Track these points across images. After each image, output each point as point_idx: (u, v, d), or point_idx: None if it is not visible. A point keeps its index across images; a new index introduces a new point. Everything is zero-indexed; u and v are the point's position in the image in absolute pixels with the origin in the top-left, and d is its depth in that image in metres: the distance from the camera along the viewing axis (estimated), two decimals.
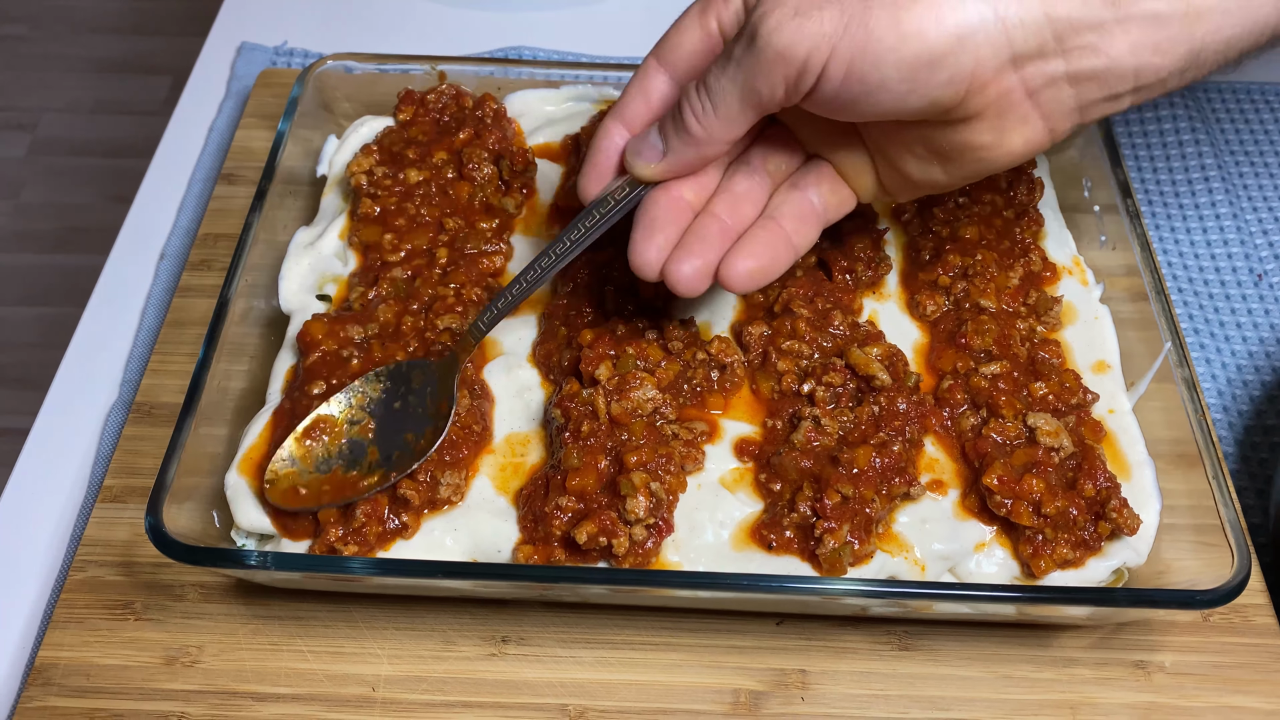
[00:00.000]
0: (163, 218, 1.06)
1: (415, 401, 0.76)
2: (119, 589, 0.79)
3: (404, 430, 0.75)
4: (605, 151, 0.71)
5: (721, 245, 0.69)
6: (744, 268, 0.69)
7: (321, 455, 0.75)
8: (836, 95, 0.62)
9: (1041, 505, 0.73)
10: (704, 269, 0.68)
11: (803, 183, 0.72)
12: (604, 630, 0.78)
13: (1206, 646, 0.79)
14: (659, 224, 0.69)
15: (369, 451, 0.75)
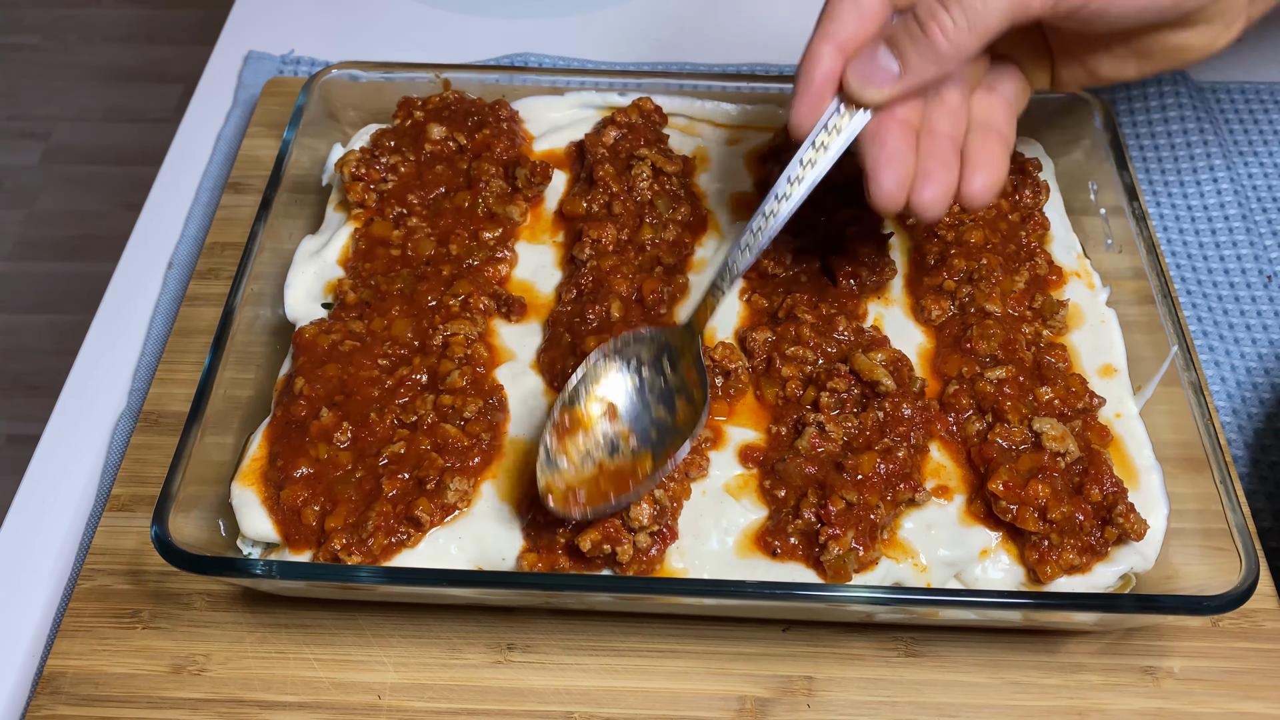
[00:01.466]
0: (171, 226, 1.07)
1: (653, 375, 0.73)
2: (127, 598, 0.79)
3: (651, 407, 0.73)
4: (819, 77, 0.67)
5: (956, 163, 0.69)
6: (983, 182, 0.69)
7: (580, 451, 0.71)
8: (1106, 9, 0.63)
9: (1047, 511, 0.72)
10: (948, 191, 0.68)
11: (996, 85, 0.73)
12: (609, 637, 0.78)
13: (1216, 652, 0.78)
14: (894, 153, 0.67)
15: (622, 435, 0.72)
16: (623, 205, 0.90)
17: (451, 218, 0.89)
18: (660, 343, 0.75)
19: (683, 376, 0.73)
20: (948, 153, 0.69)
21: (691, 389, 0.73)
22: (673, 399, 0.73)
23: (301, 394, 0.78)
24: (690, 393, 0.73)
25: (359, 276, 0.86)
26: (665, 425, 0.72)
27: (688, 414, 0.72)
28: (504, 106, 0.97)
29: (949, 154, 0.69)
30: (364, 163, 0.91)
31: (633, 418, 0.73)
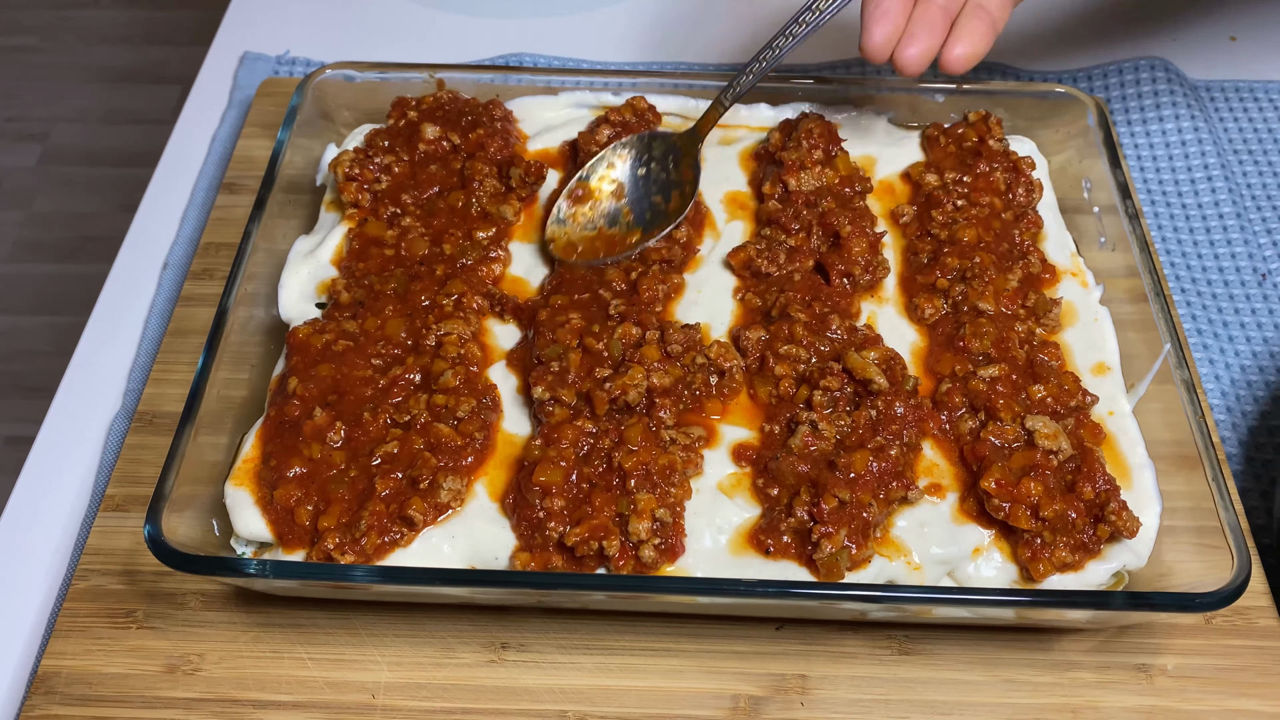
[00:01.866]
0: (166, 227, 1.07)
1: (658, 169, 0.88)
2: (121, 597, 0.79)
3: (650, 194, 0.87)
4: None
5: (941, 31, 0.78)
6: (961, 52, 0.78)
7: (585, 218, 0.86)
8: None
9: (1040, 508, 0.72)
10: (928, 53, 0.78)
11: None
12: (603, 636, 0.78)
13: (1209, 649, 0.78)
14: (886, 11, 0.78)
15: (624, 211, 0.86)
16: None
17: (445, 217, 0.89)
18: (669, 143, 0.89)
19: (681, 174, 0.87)
20: (936, 20, 0.78)
21: (685, 185, 0.87)
22: (669, 190, 0.87)
23: (295, 394, 0.78)
24: (684, 188, 0.87)
25: (353, 276, 0.86)
26: (659, 210, 0.87)
27: (678, 204, 0.86)
28: (498, 106, 0.97)
29: (937, 21, 0.78)
30: (358, 163, 0.91)
31: (635, 199, 0.88)
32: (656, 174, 0.87)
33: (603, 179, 0.87)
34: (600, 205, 0.86)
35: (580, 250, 0.84)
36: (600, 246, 0.84)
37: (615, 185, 0.87)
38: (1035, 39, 1.24)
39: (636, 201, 0.86)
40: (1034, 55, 1.22)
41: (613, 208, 0.86)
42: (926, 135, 0.98)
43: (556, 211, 0.86)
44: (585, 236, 0.85)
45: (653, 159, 0.87)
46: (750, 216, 0.93)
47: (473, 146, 0.93)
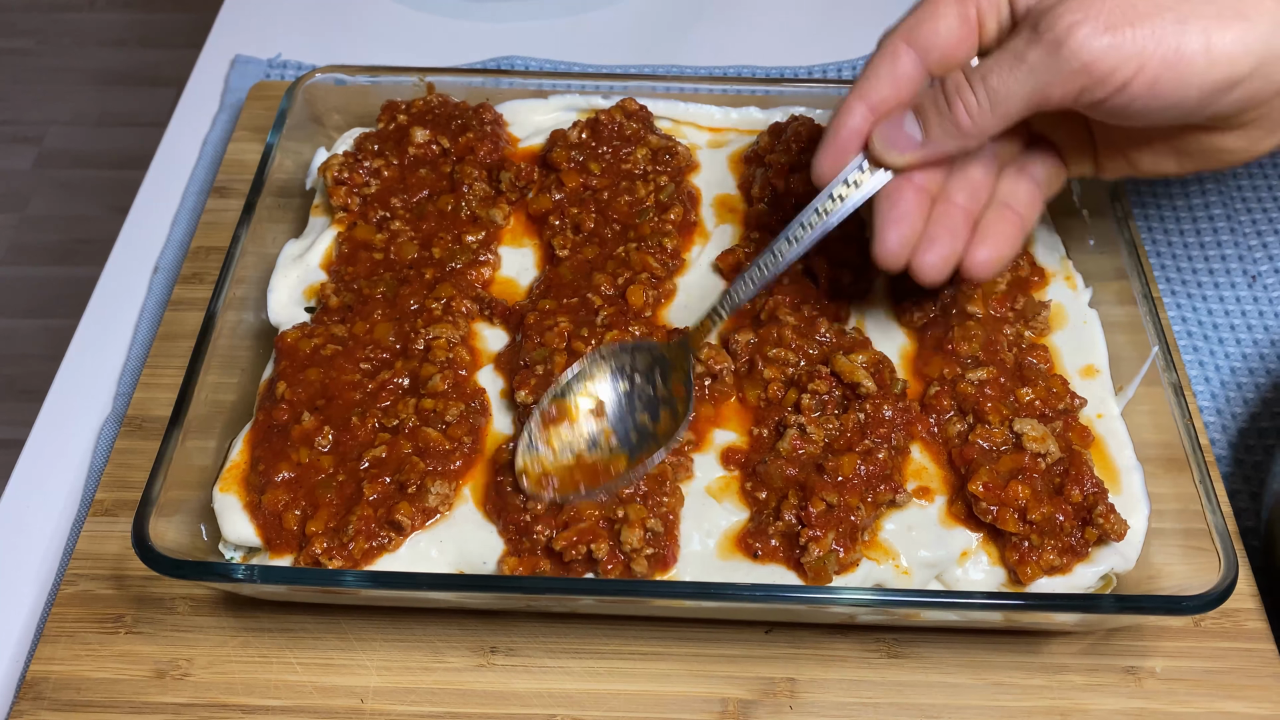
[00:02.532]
0: (157, 231, 1.07)
1: (643, 383, 0.77)
2: (110, 602, 0.79)
3: (635, 412, 0.76)
4: (846, 132, 0.70)
5: (964, 234, 0.71)
6: (985, 257, 0.70)
7: (561, 443, 0.75)
8: (1127, 106, 0.62)
9: (1027, 511, 0.72)
10: (949, 259, 0.70)
11: (1028, 165, 0.74)
12: (592, 640, 0.78)
13: (1198, 652, 0.78)
14: (903, 214, 0.69)
15: (605, 433, 0.75)
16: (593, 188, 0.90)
17: (434, 221, 0.89)
18: (655, 354, 0.78)
19: (670, 389, 0.76)
20: (957, 222, 0.70)
21: (677, 402, 0.76)
22: (657, 408, 0.76)
23: (283, 398, 0.78)
24: (675, 406, 0.76)
25: (341, 280, 0.86)
26: (646, 431, 0.76)
27: (669, 425, 0.76)
28: (488, 110, 0.97)
29: (958, 224, 0.70)
30: (347, 167, 0.91)
31: (617, 419, 0.76)
32: (642, 389, 0.77)
33: (579, 395, 0.76)
34: (577, 427, 0.75)
35: (557, 484, 0.73)
36: (580, 476, 0.73)
37: (594, 403, 0.76)
38: None
39: (619, 421, 0.76)
40: None
41: (592, 429, 0.75)
42: None
43: (527, 436, 0.74)
44: (562, 466, 0.74)
45: (636, 371, 0.77)
46: (740, 220, 0.93)
47: (462, 150, 0.93)
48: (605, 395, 0.77)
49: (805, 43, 1.24)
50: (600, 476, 0.74)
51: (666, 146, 0.94)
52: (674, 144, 0.95)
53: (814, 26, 1.26)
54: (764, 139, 0.95)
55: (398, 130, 0.95)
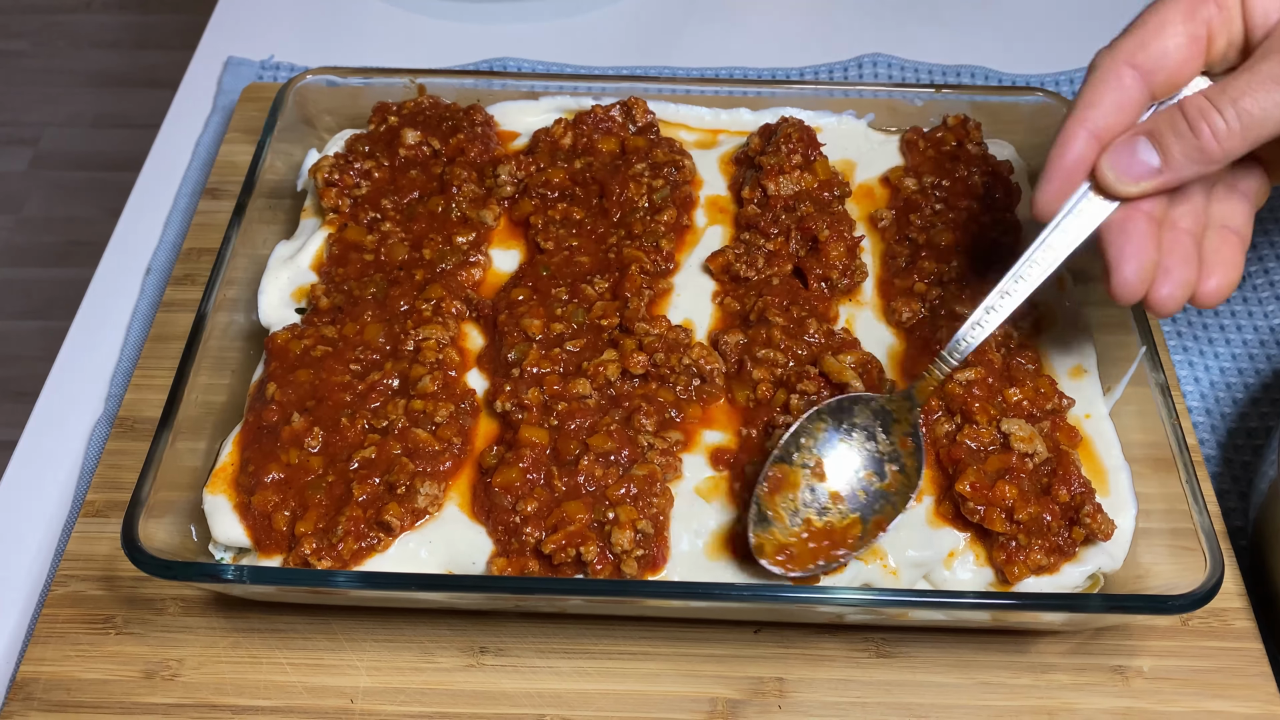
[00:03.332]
0: (149, 232, 1.07)
1: (862, 437, 0.74)
2: (100, 603, 0.79)
3: (859, 469, 0.74)
4: (1071, 161, 0.66)
5: (1194, 260, 0.68)
6: (1216, 286, 0.68)
7: (789, 508, 0.72)
8: None
9: (1014, 511, 0.73)
10: (1186, 288, 0.68)
11: (1238, 182, 0.71)
12: (581, 640, 0.78)
13: (1185, 651, 0.78)
14: (1139, 246, 0.66)
15: (830, 495, 0.73)
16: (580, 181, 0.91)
17: (425, 222, 0.90)
18: (876, 408, 0.75)
19: (895, 444, 0.74)
20: (1188, 249, 0.68)
21: (905, 457, 0.74)
22: (883, 465, 0.74)
23: (273, 399, 0.79)
24: (903, 461, 0.74)
25: (332, 281, 0.86)
26: (873, 490, 0.73)
27: (898, 482, 0.73)
28: (479, 111, 0.98)
29: (1190, 251, 0.68)
30: (338, 168, 0.91)
31: (843, 480, 0.74)
32: (864, 445, 0.74)
33: (802, 458, 0.73)
34: (802, 492, 0.72)
35: (795, 556, 0.71)
36: (816, 544, 0.71)
37: (815, 461, 0.73)
38: (1016, 42, 1.25)
39: (845, 482, 0.73)
40: (1014, 59, 1.22)
41: (819, 493, 0.73)
42: (906, 139, 0.98)
43: (755, 509, 0.71)
44: (794, 535, 0.71)
45: (855, 428, 0.74)
46: (730, 221, 0.93)
47: (453, 151, 0.94)
48: (827, 455, 0.74)
49: (796, 45, 1.24)
50: (836, 542, 0.71)
51: (672, 160, 0.93)
52: (680, 160, 0.94)
53: (805, 29, 1.26)
54: (754, 140, 0.96)
55: (389, 132, 0.95)
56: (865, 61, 1.21)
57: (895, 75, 1.20)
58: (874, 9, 1.28)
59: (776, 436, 0.75)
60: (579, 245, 0.88)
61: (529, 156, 0.94)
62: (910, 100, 1.00)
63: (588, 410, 0.77)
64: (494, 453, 0.76)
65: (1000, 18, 1.28)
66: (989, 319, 0.72)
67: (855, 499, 0.73)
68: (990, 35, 1.25)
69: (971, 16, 1.27)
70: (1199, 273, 0.68)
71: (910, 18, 1.27)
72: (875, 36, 1.25)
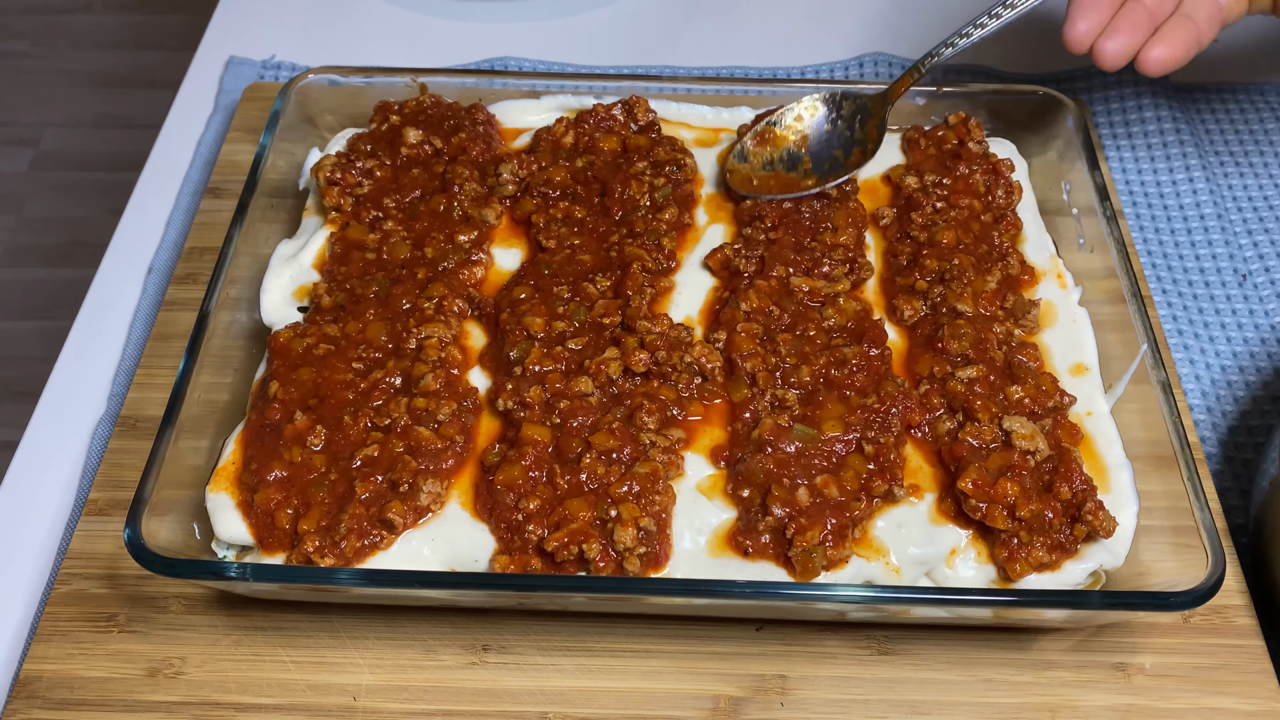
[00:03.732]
0: (151, 232, 1.07)
1: (844, 126, 0.93)
2: (103, 601, 0.79)
3: (832, 148, 0.92)
4: None
5: (1146, 31, 0.81)
6: (1160, 55, 0.81)
7: (765, 158, 0.92)
8: None
9: (1016, 509, 0.73)
10: (1128, 49, 0.81)
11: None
12: (584, 637, 0.78)
13: (1187, 648, 0.78)
14: (1095, 3, 0.81)
15: (803, 160, 0.92)
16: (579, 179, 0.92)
17: (427, 221, 0.90)
18: (859, 102, 0.94)
19: (866, 132, 0.92)
20: (1140, 19, 0.81)
21: (869, 144, 0.91)
22: (851, 147, 0.92)
23: (276, 397, 0.79)
24: (866, 146, 0.92)
25: (334, 280, 0.87)
26: (837, 162, 0.92)
27: (857, 159, 0.91)
28: (480, 110, 0.98)
29: (1141, 21, 0.81)
30: (339, 167, 0.91)
31: (817, 150, 0.93)
32: (842, 131, 0.92)
33: (789, 128, 0.93)
34: (782, 149, 0.92)
35: (755, 185, 0.90)
36: (774, 186, 0.90)
37: (800, 135, 0.92)
38: (1016, 41, 1.25)
39: (817, 153, 0.92)
40: (1015, 58, 1.22)
41: (793, 154, 0.92)
42: (907, 138, 0.98)
43: (739, 148, 0.92)
44: (762, 175, 0.91)
45: (840, 116, 0.93)
46: (730, 218, 0.93)
47: (455, 150, 0.94)
48: (810, 130, 0.93)
49: (797, 44, 1.24)
50: (791, 188, 0.90)
51: (673, 159, 0.94)
52: (681, 158, 0.95)
53: (805, 28, 1.26)
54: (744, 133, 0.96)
55: (390, 131, 0.95)
56: (866, 60, 1.21)
57: (897, 74, 1.20)
58: (875, 8, 1.29)
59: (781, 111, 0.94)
60: (581, 243, 0.88)
61: (531, 155, 0.94)
62: (912, 99, 1.00)
63: (590, 408, 0.77)
64: (496, 451, 0.77)
65: None
66: (961, 42, 0.89)
67: (820, 165, 0.92)
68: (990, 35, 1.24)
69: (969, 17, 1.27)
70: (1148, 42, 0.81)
71: (910, 17, 1.27)
72: (876, 36, 1.25)
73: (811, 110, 0.93)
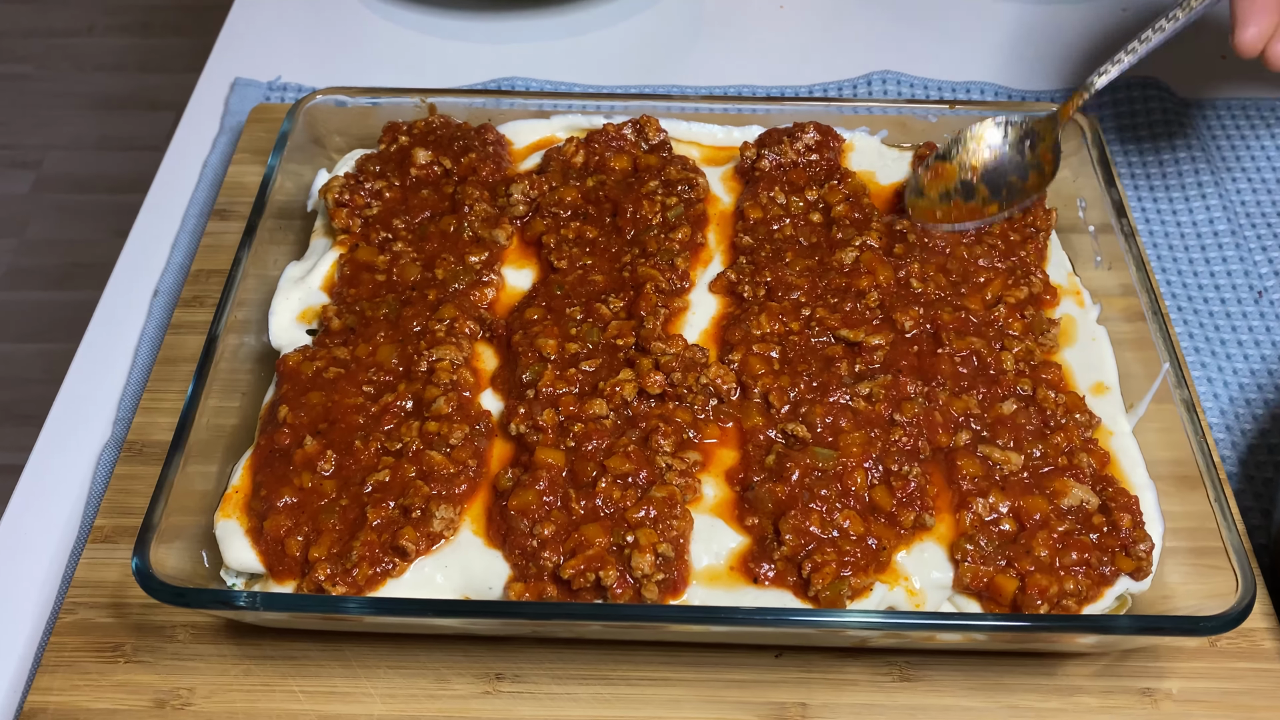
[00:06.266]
0: (157, 254, 1.06)
1: (1013, 152, 0.92)
2: (109, 631, 0.78)
3: (1007, 174, 0.91)
4: None
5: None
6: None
7: (942, 191, 0.91)
8: None
9: (1046, 590, 0.71)
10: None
11: None
12: (600, 666, 0.76)
13: (1214, 672, 0.77)
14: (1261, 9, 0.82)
15: (978, 189, 0.91)
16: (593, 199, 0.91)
17: (437, 242, 0.89)
18: (1026, 127, 0.93)
19: (1039, 156, 0.91)
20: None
21: (1045, 166, 0.91)
22: (1026, 171, 0.92)
23: (285, 422, 0.78)
24: (1043, 169, 0.91)
25: (343, 302, 0.85)
26: (1015, 188, 0.91)
27: (1035, 182, 0.91)
28: (490, 130, 0.97)
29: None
30: (348, 188, 0.90)
31: (991, 177, 0.92)
32: (1012, 156, 0.92)
33: (959, 157, 0.92)
34: (956, 180, 0.91)
35: (939, 216, 0.90)
36: (958, 216, 0.90)
37: (971, 165, 0.92)
38: (1028, 59, 1.24)
39: (992, 178, 0.91)
40: (1026, 75, 1.22)
41: (966, 185, 0.91)
42: (919, 155, 0.97)
43: (913, 182, 0.92)
44: (941, 208, 0.90)
45: (1008, 141, 0.92)
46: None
47: (465, 171, 0.93)
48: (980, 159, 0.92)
49: (804, 64, 1.23)
50: (975, 215, 0.90)
51: (685, 178, 0.93)
52: (694, 177, 0.94)
53: (813, 48, 1.26)
54: (750, 149, 0.95)
55: (399, 151, 0.94)
56: (875, 79, 1.21)
57: (905, 92, 1.19)
58: (882, 27, 1.28)
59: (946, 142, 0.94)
60: (593, 264, 0.87)
61: (541, 175, 0.93)
62: (924, 116, 0.99)
63: (604, 431, 0.76)
64: (509, 475, 0.75)
65: (1012, 35, 1.27)
66: (1126, 59, 0.88)
67: (998, 192, 0.91)
68: (1002, 52, 1.24)
69: (977, 34, 1.26)
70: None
71: (917, 34, 1.27)
72: (883, 55, 1.24)
73: (978, 139, 0.93)
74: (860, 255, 0.86)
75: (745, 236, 0.90)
